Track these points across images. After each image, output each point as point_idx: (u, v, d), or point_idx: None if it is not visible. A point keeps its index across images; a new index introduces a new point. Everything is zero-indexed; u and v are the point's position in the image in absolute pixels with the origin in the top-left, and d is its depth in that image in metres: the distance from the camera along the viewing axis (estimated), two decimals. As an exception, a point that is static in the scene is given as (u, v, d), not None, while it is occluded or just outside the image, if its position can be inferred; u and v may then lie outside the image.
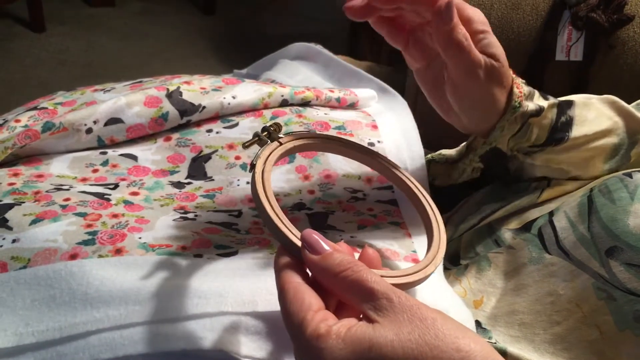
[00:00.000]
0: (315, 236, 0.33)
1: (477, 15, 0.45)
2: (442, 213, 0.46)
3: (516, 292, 0.45)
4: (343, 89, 0.68)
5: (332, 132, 0.58)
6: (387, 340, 0.29)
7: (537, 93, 0.49)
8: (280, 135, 0.42)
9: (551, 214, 0.47)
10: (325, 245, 0.33)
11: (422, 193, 0.45)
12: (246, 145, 0.41)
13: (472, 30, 0.44)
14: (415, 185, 0.45)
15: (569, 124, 0.49)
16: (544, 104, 0.48)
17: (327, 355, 0.29)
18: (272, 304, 0.39)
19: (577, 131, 0.49)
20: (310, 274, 0.33)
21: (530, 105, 0.47)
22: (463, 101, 0.46)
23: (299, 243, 0.34)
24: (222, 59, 2.13)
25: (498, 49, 0.45)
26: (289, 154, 0.43)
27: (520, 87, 0.47)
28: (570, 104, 0.50)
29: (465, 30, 0.43)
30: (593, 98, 0.52)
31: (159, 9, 2.45)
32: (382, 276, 0.34)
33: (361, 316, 0.31)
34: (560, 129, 0.48)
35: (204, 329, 0.37)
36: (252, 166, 0.38)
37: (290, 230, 0.35)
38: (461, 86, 0.45)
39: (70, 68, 2.00)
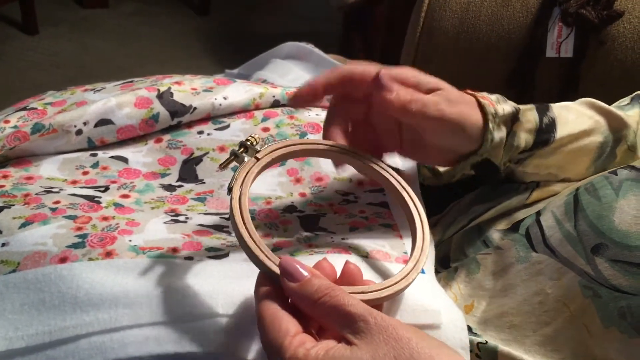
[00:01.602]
0: (294, 263, 0.34)
1: (405, 72, 0.46)
2: (432, 215, 0.46)
3: (504, 293, 0.45)
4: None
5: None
6: None
7: (502, 97, 0.49)
8: (257, 149, 0.41)
9: (538, 213, 0.47)
10: (303, 271, 0.34)
11: (410, 195, 0.44)
12: (222, 166, 0.41)
13: (410, 85, 0.45)
14: (403, 187, 0.45)
15: (552, 124, 0.49)
16: (520, 106, 0.49)
17: None
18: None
19: (561, 131, 0.49)
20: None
21: (505, 108, 0.47)
22: (444, 134, 0.46)
23: (277, 270, 0.34)
24: (216, 60, 2.12)
25: (431, 80, 0.46)
26: (267, 168, 0.43)
27: (486, 97, 0.47)
28: (547, 107, 0.50)
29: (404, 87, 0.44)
30: (569, 103, 0.52)
31: (152, 10, 2.45)
32: (362, 292, 0.35)
33: (341, 339, 0.32)
34: (545, 130, 0.49)
35: (195, 332, 0.37)
36: (230, 190, 0.38)
37: (268, 258, 0.35)
38: (433, 130, 0.45)
39: (64, 70, 2.00)
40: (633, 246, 0.39)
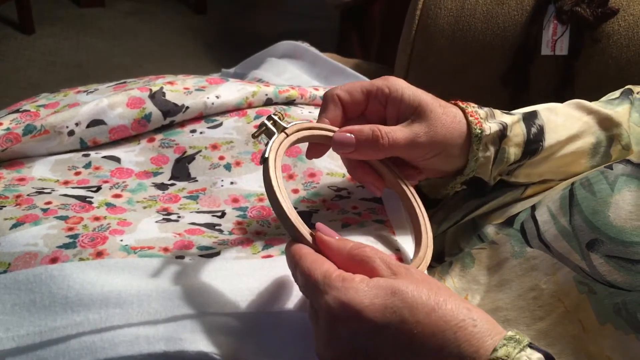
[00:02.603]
0: (329, 229, 0.37)
1: (383, 88, 0.45)
2: (426, 209, 0.46)
3: (499, 288, 0.45)
4: (328, 87, 0.67)
5: None
6: (409, 289, 0.33)
7: (498, 111, 0.48)
8: (285, 125, 0.42)
9: (533, 208, 0.47)
10: (334, 232, 0.38)
11: (411, 192, 0.45)
12: (255, 135, 0.42)
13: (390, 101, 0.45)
14: (405, 184, 0.46)
15: (541, 132, 0.48)
16: (508, 119, 0.48)
17: (353, 294, 0.33)
18: (253, 304, 0.39)
19: (550, 138, 0.48)
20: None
21: (492, 127, 0.46)
22: (423, 159, 0.46)
23: (309, 238, 0.37)
24: (213, 58, 2.12)
25: (412, 99, 0.44)
26: (295, 144, 0.43)
27: (475, 114, 0.46)
28: (534, 114, 0.49)
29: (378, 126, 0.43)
30: (557, 105, 0.52)
31: (149, 8, 2.44)
32: None
33: None
34: (534, 140, 0.48)
35: (185, 330, 0.37)
36: (265, 159, 0.39)
37: (303, 227, 0.37)
38: (411, 157, 0.46)
39: (61, 69, 1.99)
40: (628, 242, 0.39)
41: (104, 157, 0.55)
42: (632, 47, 0.71)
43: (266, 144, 0.40)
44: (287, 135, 0.42)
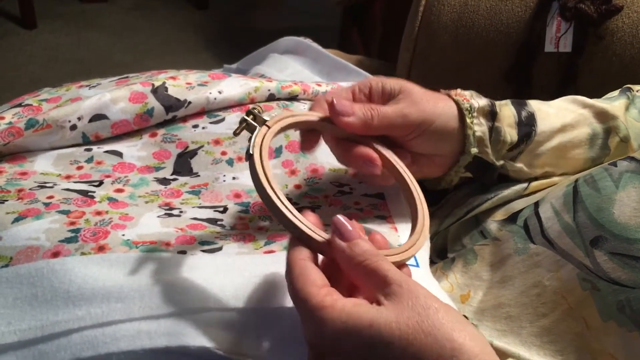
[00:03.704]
0: (347, 223, 0.35)
1: (364, 82, 0.47)
2: (429, 207, 0.45)
3: (502, 285, 0.45)
4: (331, 82, 0.67)
5: None
6: (387, 321, 0.30)
7: (476, 93, 0.49)
8: (266, 118, 0.41)
9: (536, 204, 0.47)
10: (352, 232, 0.35)
11: (410, 179, 0.44)
12: (237, 133, 0.41)
13: (373, 93, 0.46)
14: (403, 168, 0.45)
15: (532, 117, 0.49)
16: (491, 100, 0.49)
17: (328, 326, 0.31)
18: (255, 299, 0.39)
19: (542, 125, 0.49)
20: (321, 256, 0.36)
21: (480, 102, 0.48)
22: (418, 138, 0.46)
23: (307, 230, 0.35)
24: (215, 54, 2.12)
25: (393, 83, 0.46)
26: (277, 134, 0.42)
27: (459, 93, 0.48)
28: (522, 102, 0.50)
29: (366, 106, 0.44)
30: (548, 101, 0.52)
31: (151, 4, 2.44)
32: (385, 255, 0.36)
33: (372, 301, 0.33)
34: (526, 123, 0.49)
35: (187, 326, 0.37)
36: (250, 155, 0.38)
37: (297, 218, 0.36)
38: (405, 137, 0.46)
39: (62, 65, 1.99)
40: (633, 239, 0.38)
41: (106, 151, 0.55)
42: (636, 45, 0.71)
43: (249, 140, 0.39)
44: (269, 128, 0.41)
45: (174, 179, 0.53)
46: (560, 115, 0.50)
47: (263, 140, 0.40)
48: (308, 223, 0.36)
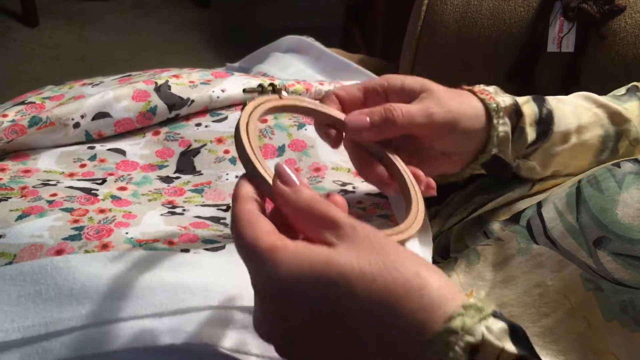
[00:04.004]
0: (288, 170, 0.33)
1: (386, 78, 0.46)
2: (432, 206, 0.46)
3: (505, 285, 0.45)
4: (333, 81, 0.67)
5: None
6: (346, 258, 0.28)
7: (500, 89, 0.49)
8: (284, 94, 0.41)
9: (539, 204, 0.47)
10: (296, 180, 0.32)
11: (404, 169, 0.44)
12: (247, 90, 0.40)
13: (396, 90, 0.45)
14: (399, 161, 0.44)
15: (550, 116, 0.48)
16: (514, 97, 0.48)
17: (282, 270, 0.29)
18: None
19: (560, 125, 0.48)
20: (272, 205, 0.34)
21: (505, 100, 0.47)
22: (443, 138, 0.45)
23: (268, 178, 0.33)
24: (216, 52, 2.12)
25: (415, 82, 0.45)
26: (284, 111, 0.42)
27: (484, 91, 0.47)
28: (542, 98, 0.49)
29: (388, 105, 0.43)
30: (563, 96, 0.51)
31: (152, 2, 2.43)
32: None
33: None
34: (544, 121, 0.48)
35: (190, 324, 0.37)
36: (244, 106, 0.38)
37: (262, 165, 0.34)
38: (430, 136, 0.45)
39: (64, 62, 1.99)
40: (636, 240, 0.38)
41: (109, 149, 0.55)
42: (638, 45, 0.71)
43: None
44: (281, 98, 0.40)
45: (177, 177, 0.53)
46: (577, 114, 0.49)
47: (266, 102, 0.39)
48: (266, 166, 0.34)
